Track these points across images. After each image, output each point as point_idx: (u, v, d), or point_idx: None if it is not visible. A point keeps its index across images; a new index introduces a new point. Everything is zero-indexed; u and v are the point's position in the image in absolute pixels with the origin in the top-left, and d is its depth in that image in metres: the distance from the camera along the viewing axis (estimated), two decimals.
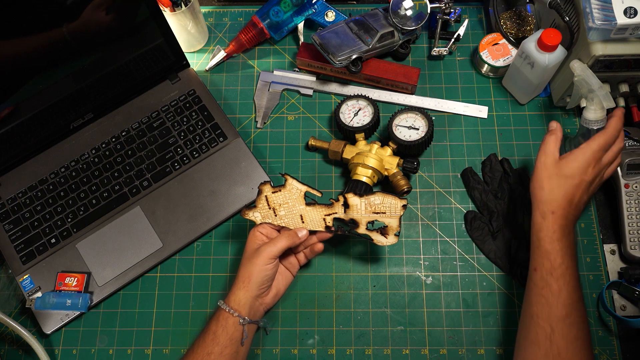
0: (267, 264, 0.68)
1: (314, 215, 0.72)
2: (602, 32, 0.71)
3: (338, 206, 0.72)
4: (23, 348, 0.79)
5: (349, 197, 0.71)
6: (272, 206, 0.73)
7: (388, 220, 0.71)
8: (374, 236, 0.72)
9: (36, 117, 0.82)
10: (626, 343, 0.76)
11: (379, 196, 0.70)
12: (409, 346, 0.76)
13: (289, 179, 0.72)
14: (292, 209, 0.72)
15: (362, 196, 0.71)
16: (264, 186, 0.73)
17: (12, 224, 0.83)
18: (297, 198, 0.72)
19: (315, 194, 0.73)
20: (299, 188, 0.72)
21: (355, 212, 0.71)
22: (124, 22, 0.79)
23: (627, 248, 0.78)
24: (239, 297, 0.67)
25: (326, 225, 0.72)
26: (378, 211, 0.71)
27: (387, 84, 0.90)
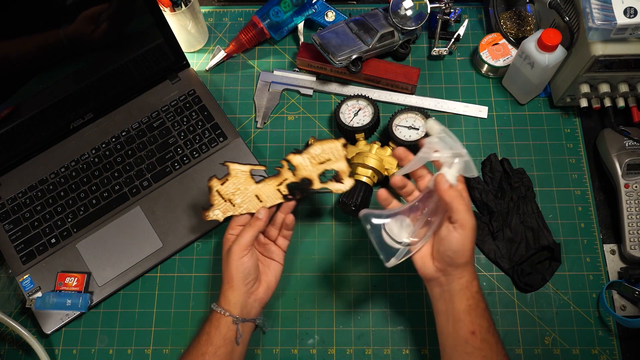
0: (241, 257, 0.67)
1: (268, 190, 0.71)
2: (602, 32, 0.71)
3: (285, 171, 0.71)
4: (23, 348, 0.79)
5: (290, 158, 0.71)
6: (227, 198, 0.71)
7: (336, 165, 0.70)
8: (331, 186, 0.71)
9: (36, 117, 0.82)
10: (626, 343, 0.76)
11: (317, 145, 0.70)
12: (409, 346, 0.77)
13: (230, 164, 0.71)
14: (245, 193, 0.71)
15: (302, 152, 0.70)
16: (211, 181, 0.72)
17: (12, 224, 0.83)
18: (246, 180, 0.71)
19: (260, 168, 0.72)
20: (243, 169, 0.71)
21: (304, 170, 0.71)
22: (123, 23, 0.79)
23: (627, 248, 0.78)
24: (229, 298, 0.67)
25: (283, 195, 0.72)
26: (323, 160, 0.70)
27: (387, 84, 0.90)
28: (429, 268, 0.64)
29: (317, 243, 0.82)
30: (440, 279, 0.63)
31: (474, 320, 0.61)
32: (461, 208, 0.60)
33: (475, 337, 0.61)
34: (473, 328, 0.61)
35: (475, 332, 0.61)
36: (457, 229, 0.60)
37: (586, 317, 0.77)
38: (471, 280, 0.62)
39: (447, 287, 0.63)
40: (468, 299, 0.62)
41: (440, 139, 0.62)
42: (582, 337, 0.76)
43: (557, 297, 0.78)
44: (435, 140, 0.62)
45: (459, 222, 0.60)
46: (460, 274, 0.62)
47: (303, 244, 0.82)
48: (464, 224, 0.60)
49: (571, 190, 0.84)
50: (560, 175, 0.85)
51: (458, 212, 0.60)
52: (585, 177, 0.84)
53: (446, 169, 0.62)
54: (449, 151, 0.61)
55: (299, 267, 0.81)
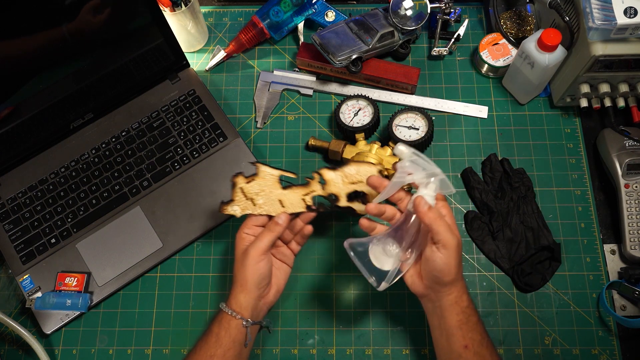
0: (258, 262, 0.67)
1: (293, 197, 0.71)
2: (602, 32, 0.71)
3: (315, 184, 0.71)
4: (23, 348, 0.79)
5: (323, 173, 0.70)
6: (249, 196, 0.71)
7: (367, 188, 0.70)
8: (356, 206, 0.71)
9: (36, 117, 0.82)
10: (626, 343, 0.76)
11: (352, 166, 0.69)
12: (409, 346, 0.77)
13: (260, 166, 0.71)
14: (269, 196, 0.71)
15: (336, 169, 0.70)
16: (237, 178, 0.71)
17: (12, 224, 0.83)
18: (272, 184, 0.71)
19: (290, 175, 0.71)
20: (272, 173, 0.71)
21: (333, 186, 0.70)
22: (123, 22, 0.79)
23: (627, 248, 0.78)
24: (240, 300, 0.67)
25: (307, 205, 0.71)
26: (355, 181, 0.70)
27: (387, 84, 0.90)
28: (418, 286, 0.65)
29: (317, 243, 0.82)
30: (431, 295, 0.64)
31: (465, 335, 0.62)
32: (441, 229, 0.61)
33: (469, 351, 0.62)
34: (465, 342, 0.62)
35: (468, 346, 0.62)
36: (440, 250, 0.61)
37: (586, 317, 0.77)
38: (460, 295, 0.63)
39: (438, 303, 0.64)
40: (458, 314, 0.63)
41: (412, 162, 0.63)
42: (582, 337, 0.76)
43: (557, 297, 0.78)
44: (407, 164, 0.63)
45: (441, 243, 0.61)
46: (449, 291, 0.63)
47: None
48: (446, 244, 0.61)
49: (571, 190, 0.84)
50: (560, 175, 0.85)
51: (439, 233, 0.61)
52: (585, 177, 0.84)
53: (423, 190, 0.62)
54: (423, 172, 0.62)
55: (299, 267, 0.81)
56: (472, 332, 0.62)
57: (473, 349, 0.62)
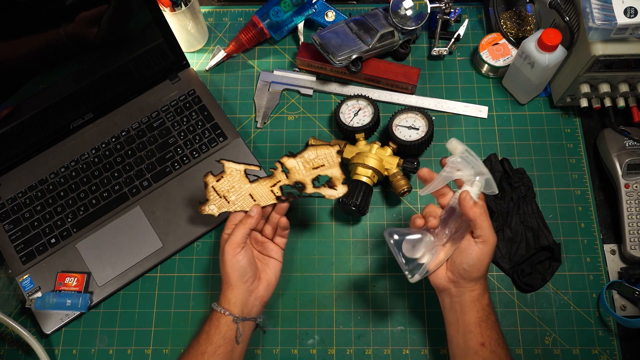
0: (234, 255, 0.68)
1: (261, 190, 0.72)
2: (602, 32, 0.71)
3: (279, 173, 0.71)
4: (23, 348, 0.79)
5: (284, 161, 0.71)
6: (222, 194, 0.72)
7: (330, 172, 0.70)
8: (324, 191, 0.71)
9: (36, 117, 0.82)
10: (626, 343, 0.76)
11: (311, 150, 0.70)
12: (409, 346, 0.77)
13: (225, 162, 0.72)
14: (239, 191, 0.72)
15: (296, 156, 0.70)
16: (207, 177, 0.72)
17: (12, 224, 0.83)
18: (240, 179, 0.72)
19: (253, 168, 0.72)
20: (237, 168, 0.72)
21: (297, 174, 0.71)
22: (123, 23, 0.79)
23: (627, 248, 0.78)
24: (228, 297, 0.68)
25: (276, 196, 0.72)
26: (317, 165, 0.70)
27: (387, 84, 0.90)
28: (441, 278, 0.65)
29: (317, 243, 0.82)
30: (451, 290, 0.64)
31: (483, 332, 0.62)
32: (485, 225, 0.62)
33: (485, 349, 0.62)
34: (483, 340, 0.62)
35: (485, 344, 0.62)
36: (478, 244, 0.62)
37: (586, 317, 0.77)
38: (482, 293, 0.64)
39: (458, 299, 0.64)
40: (478, 311, 0.63)
41: (463, 159, 0.63)
42: (582, 337, 0.76)
43: (557, 297, 0.78)
44: (459, 160, 0.63)
45: (481, 238, 0.62)
46: (473, 287, 0.63)
47: (303, 244, 0.82)
48: (486, 240, 0.62)
49: (571, 190, 0.84)
50: (560, 175, 0.84)
51: (482, 228, 0.62)
52: (585, 177, 0.84)
53: (468, 187, 0.63)
54: (471, 170, 0.63)
55: (299, 267, 0.81)
56: (490, 331, 0.63)
57: (490, 347, 0.62)
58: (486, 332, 0.63)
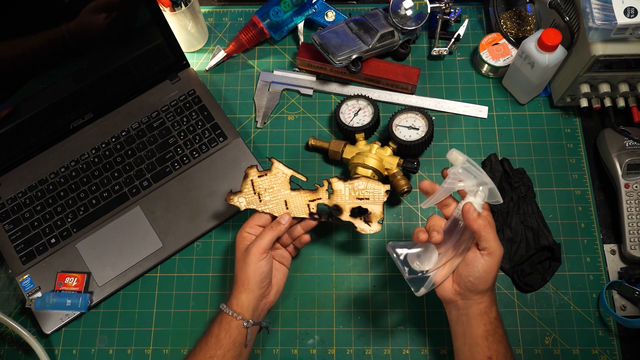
0: (260, 260, 0.67)
1: (298, 200, 0.71)
2: (602, 32, 0.71)
3: (322, 191, 0.71)
4: (23, 348, 0.79)
5: (333, 182, 0.70)
6: (257, 191, 0.72)
7: (371, 207, 0.70)
8: (357, 223, 0.71)
9: (36, 117, 0.82)
10: (626, 343, 0.76)
11: (362, 181, 0.69)
12: (409, 346, 0.76)
13: (276, 162, 0.72)
14: (276, 194, 0.71)
15: (346, 181, 0.70)
16: (251, 170, 0.72)
17: (12, 224, 0.83)
18: (283, 183, 0.71)
19: (301, 178, 0.72)
20: (285, 172, 0.71)
21: (339, 198, 0.71)
22: (123, 22, 0.79)
23: (627, 248, 0.78)
24: (242, 300, 0.67)
25: (310, 212, 0.72)
26: (361, 197, 0.70)
27: (387, 84, 0.90)
28: (447, 291, 0.64)
29: (317, 243, 0.82)
30: (458, 302, 0.64)
31: (491, 346, 0.62)
32: (490, 236, 0.61)
33: None
34: (490, 353, 0.61)
35: (492, 358, 0.61)
36: (484, 256, 0.61)
37: (586, 317, 0.77)
38: (490, 305, 0.63)
39: (465, 312, 0.63)
40: (486, 324, 0.62)
41: (465, 169, 0.62)
42: (582, 337, 0.76)
43: (557, 297, 0.78)
44: (460, 171, 0.63)
45: (487, 250, 0.61)
46: (480, 300, 0.62)
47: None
48: (492, 252, 0.61)
49: (571, 190, 0.84)
50: (560, 175, 0.84)
51: (487, 240, 0.61)
52: (585, 177, 0.84)
53: (471, 198, 0.62)
54: (474, 180, 0.62)
55: (299, 267, 0.81)
56: (497, 344, 0.62)
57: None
58: (494, 346, 0.62)
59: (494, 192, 0.63)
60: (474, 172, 0.62)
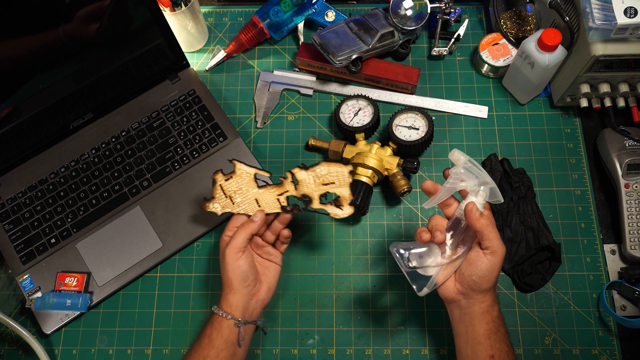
0: (236, 259, 0.67)
1: (268, 197, 0.71)
2: (602, 32, 0.71)
3: (288, 183, 0.70)
4: (23, 348, 0.79)
5: (295, 172, 0.70)
6: (229, 194, 0.72)
7: (339, 190, 0.69)
8: (330, 209, 0.70)
9: (36, 117, 0.82)
10: (626, 343, 0.76)
11: (324, 166, 0.68)
12: (409, 346, 0.77)
13: (237, 163, 0.71)
14: (246, 194, 0.71)
15: (308, 169, 0.69)
16: (216, 175, 0.72)
17: (12, 224, 0.83)
18: (249, 182, 0.71)
19: (264, 174, 0.71)
20: (248, 171, 0.71)
21: (306, 187, 0.70)
22: (123, 23, 0.79)
23: (627, 248, 0.78)
24: (230, 301, 0.67)
25: (281, 206, 0.71)
26: (327, 182, 0.69)
27: (387, 84, 0.90)
28: (449, 290, 0.64)
29: (317, 243, 0.82)
30: (461, 302, 0.64)
31: (493, 345, 0.62)
32: (492, 235, 0.61)
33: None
34: (492, 352, 0.62)
35: (495, 356, 0.62)
36: (487, 255, 0.61)
37: (586, 317, 0.77)
38: (492, 304, 0.63)
39: (467, 311, 0.63)
40: (488, 322, 0.62)
41: (467, 169, 0.63)
42: (582, 337, 0.76)
43: (557, 297, 0.78)
44: (462, 171, 0.63)
45: (490, 250, 0.61)
46: (482, 299, 0.63)
47: (303, 244, 0.82)
48: (495, 252, 0.61)
49: (571, 190, 0.84)
50: (560, 175, 0.84)
51: (490, 239, 0.61)
52: (585, 177, 0.84)
53: (473, 197, 0.63)
54: (475, 180, 0.63)
55: (299, 267, 0.81)
56: (500, 343, 0.62)
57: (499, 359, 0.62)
58: (496, 345, 0.62)
59: (495, 191, 0.63)
60: (475, 172, 0.63)
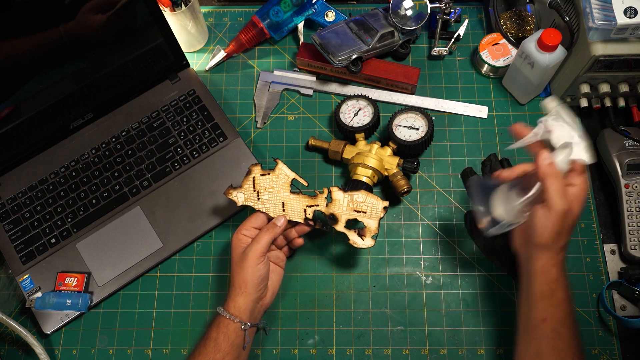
0: (258, 263, 0.67)
1: (296, 204, 0.71)
2: (602, 32, 0.71)
3: (321, 198, 0.71)
4: (23, 348, 0.79)
5: (333, 191, 0.70)
6: (257, 189, 0.72)
7: (367, 221, 0.70)
8: (351, 235, 0.71)
9: (36, 117, 0.82)
10: (626, 343, 0.76)
11: (362, 194, 0.69)
12: (409, 346, 0.77)
13: (280, 163, 0.72)
14: (275, 195, 0.72)
15: (346, 192, 0.70)
16: (254, 167, 0.72)
17: (12, 224, 0.83)
18: (284, 184, 0.72)
19: (302, 182, 0.72)
20: (288, 174, 0.72)
21: (337, 207, 0.71)
22: (120, 24, 0.79)
23: (627, 248, 0.78)
24: (239, 303, 0.67)
25: (305, 217, 0.71)
26: (359, 210, 0.70)
27: (387, 84, 0.90)
28: (515, 240, 0.64)
29: (317, 243, 0.82)
30: (522, 255, 0.63)
31: (546, 308, 0.60)
32: (552, 188, 0.58)
33: (546, 325, 0.59)
34: (545, 315, 0.60)
35: (547, 320, 0.60)
36: (542, 208, 0.59)
37: (586, 317, 0.77)
38: (550, 266, 0.60)
39: (526, 267, 0.62)
40: (542, 284, 0.60)
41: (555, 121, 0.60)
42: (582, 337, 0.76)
43: None
44: (550, 122, 0.60)
45: (546, 202, 0.59)
46: (537, 256, 0.60)
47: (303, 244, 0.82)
48: (551, 206, 0.58)
49: None
50: None
51: (548, 192, 0.58)
52: None
53: (560, 150, 0.60)
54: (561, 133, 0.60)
55: (299, 267, 0.81)
56: (553, 308, 0.60)
57: (552, 325, 0.59)
58: (549, 309, 0.60)
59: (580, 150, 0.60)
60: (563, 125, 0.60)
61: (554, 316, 0.60)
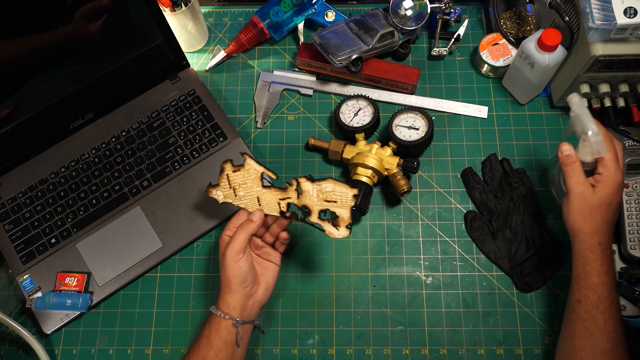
0: (237, 261, 0.67)
1: (270, 198, 0.71)
2: (602, 32, 0.71)
3: (291, 190, 0.70)
4: (23, 348, 0.79)
5: (301, 182, 0.69)
6: (233, 186, 0.72)
7: (339, 210, 0.69)
8: (326, 226, 0.70)
9: (36, 117, 0.82)
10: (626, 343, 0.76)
11: (330, 183, 0.68)
12: (409, 346, 0.77)
13: (247, 158, 0.71)
14: (249, 190, 0.71)
15: (314, 182, 0.69)
16: (226, 164, 0.71)
17: (12, 224, 0.83)
18: (255, 179, 0.71)
19: (271, 175, 0.71)
20: (256, 168, 0.71)
21: (308, 199, 0.70)
22: (123, 23, 0.79)
23: (627, 248, 0.78)
24: (228, 301, 0.67)
25: (281, 210, 0.71)
26: (329, 199, 0.69)
27: (387, 84, 0.90)
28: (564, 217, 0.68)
29: (317, 243, 0.82)
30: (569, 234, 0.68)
31: (580, 290, 0.64)
32: (573, 175, 0.66)
33: (580, 307, 0.64)
34: (579, 297, 0.64)
35: (581, 302, 0.64)
36: (566, 196, 0.66)
37: None
38: (583, 249, 0.65)
39: (571, 247, 0.67)
40: (577, 267, 0.65)
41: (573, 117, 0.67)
42: None
43: (557, 297, 0.78)
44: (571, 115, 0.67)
45: (566, 188, 0.66)
46: (573, 239, 0.66)
47: (303, 244, 0.82)
48: (569, 191, 0.66)
49: None
50: None
51: (567, 181, 0.66)
52: None
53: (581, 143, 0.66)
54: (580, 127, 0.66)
55: (299, 267, 0.81)
56: (588, 290, 0.64)
57: (585, 307, 0.63)
58: (583, 291, 0.64)
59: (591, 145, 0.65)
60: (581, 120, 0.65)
61: (588, 298, 0.63)
